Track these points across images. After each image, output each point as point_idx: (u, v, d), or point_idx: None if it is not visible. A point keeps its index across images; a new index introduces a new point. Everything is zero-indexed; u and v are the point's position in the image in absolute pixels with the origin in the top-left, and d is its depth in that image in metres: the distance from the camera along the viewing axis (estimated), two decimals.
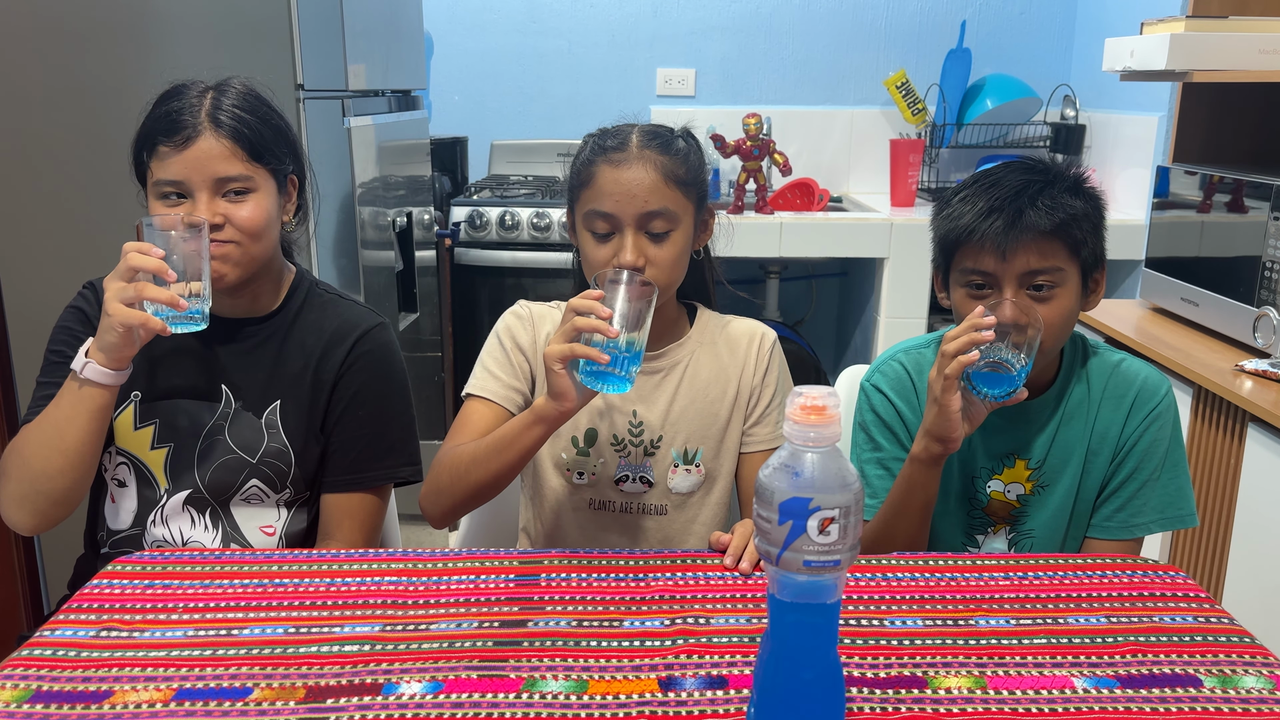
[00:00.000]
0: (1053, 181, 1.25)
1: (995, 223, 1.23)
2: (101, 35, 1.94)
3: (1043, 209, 1.22)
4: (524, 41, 3.54)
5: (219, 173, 1.28)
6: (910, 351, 1.41)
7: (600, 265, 1.34)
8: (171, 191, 1.29)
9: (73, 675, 0.95)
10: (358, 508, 1.41)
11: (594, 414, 1.42)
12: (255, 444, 1.37)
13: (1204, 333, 2.25)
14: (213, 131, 1.28)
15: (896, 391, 1.38)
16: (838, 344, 3.75)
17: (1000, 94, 3.32)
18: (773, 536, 0.79)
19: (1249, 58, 2.14)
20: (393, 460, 1.43)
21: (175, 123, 1.27)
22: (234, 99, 1.31)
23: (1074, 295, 1.27)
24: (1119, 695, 0.94)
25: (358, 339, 1.41)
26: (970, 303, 1.28)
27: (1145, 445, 1.32)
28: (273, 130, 1.34)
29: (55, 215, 2.00)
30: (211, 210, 1.28)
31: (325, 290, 1.46)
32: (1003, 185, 1.25)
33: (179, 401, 1.37)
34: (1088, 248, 1.26)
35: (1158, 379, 1.34)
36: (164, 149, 1.27)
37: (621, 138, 1.34)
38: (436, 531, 2.84)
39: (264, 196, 1.32)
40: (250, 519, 1.39)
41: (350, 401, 1.40)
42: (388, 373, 1.43)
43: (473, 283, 3.12)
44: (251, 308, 1.40)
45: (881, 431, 1.38)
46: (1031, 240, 1.23)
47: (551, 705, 0.91)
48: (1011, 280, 1.25)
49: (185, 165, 1.27)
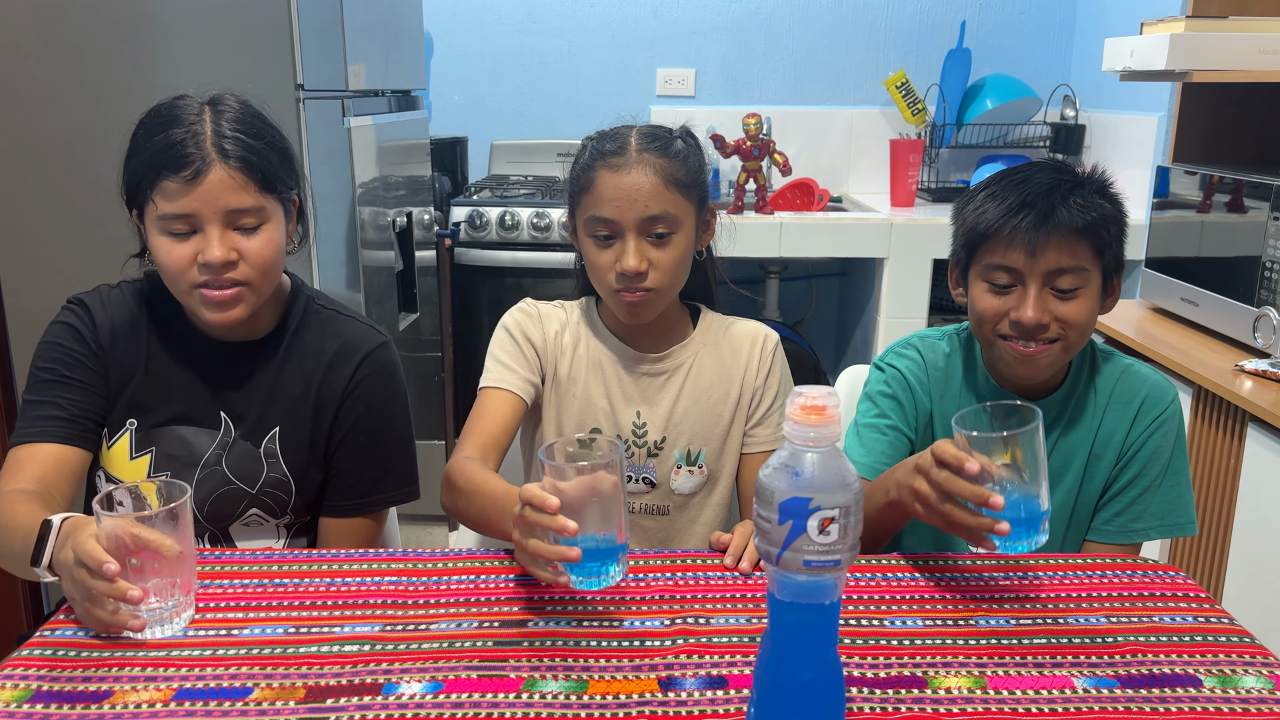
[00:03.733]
0: (1082, 182, 1.25)
1: (1026, 218, 1.22)
2: (101, 36, 1.94)
3: (1075, 207, 1.22)
4: (524, 41, 3.54)
5: (230, 205, 1.22)
6: (926, 340, 1.41)
7: (604, 270, 1.34)
8: (180, 226, 1.22)
9: (73, 675, 0.95)
10: (356, 531, 1.39)
11: (598, 414, 1.42)
12: (254, 474, 1.33)
13: (1204, 333, 2.25)
14: (221, 164, 1.21)
15: (911, 373, 1.38)
16: (838, 344, 3.75)
17: (1000, 94, 3.32)
18: (773, 536, 0.79)
19: (1249, 58, 2.14)
20: (392, 483, 1.40)
21: (181, 155, 1.20)
22: (235, 121, 1.24)
23: (1095, 297, 1.26)
24: (1119, 695, 0.94)
25: (360, 362, 1.35)
26: (989, 298, 1.27)
27: (1149, 451, 1.32)
28: (279, 154, 1.28)
29: (55, 216, 2.00)
30: (224, 244, 1.21)
31: (323, 305, 1.40)
32: (1033, 182, 1.25)
33: (176, 429, 1.32)
34: (1112, 251, 1.26)
35: (1165, 385, 1.34)
36: (170, 184, 1.20)
37: (620, 141, 1.34)
38: (436, 531, 2.85)
39: (274, 228, 1.27)
40: (251, 543, 1.37)
41: (352, 427, 1.36)
42: (390, 395, 1.39)
43: (473, 283, 3.12)
44: (250, 330, 1.34)
45: (887, 402, 1.37)
46: (1062, 238, 1.22)
47: (551, 705, 0.91)
48: (1037, 278, 1.24)
49: (195, 200, 1.20)
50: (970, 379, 1.37)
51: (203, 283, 1.23)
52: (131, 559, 1.00)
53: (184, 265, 1.23)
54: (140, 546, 0.98)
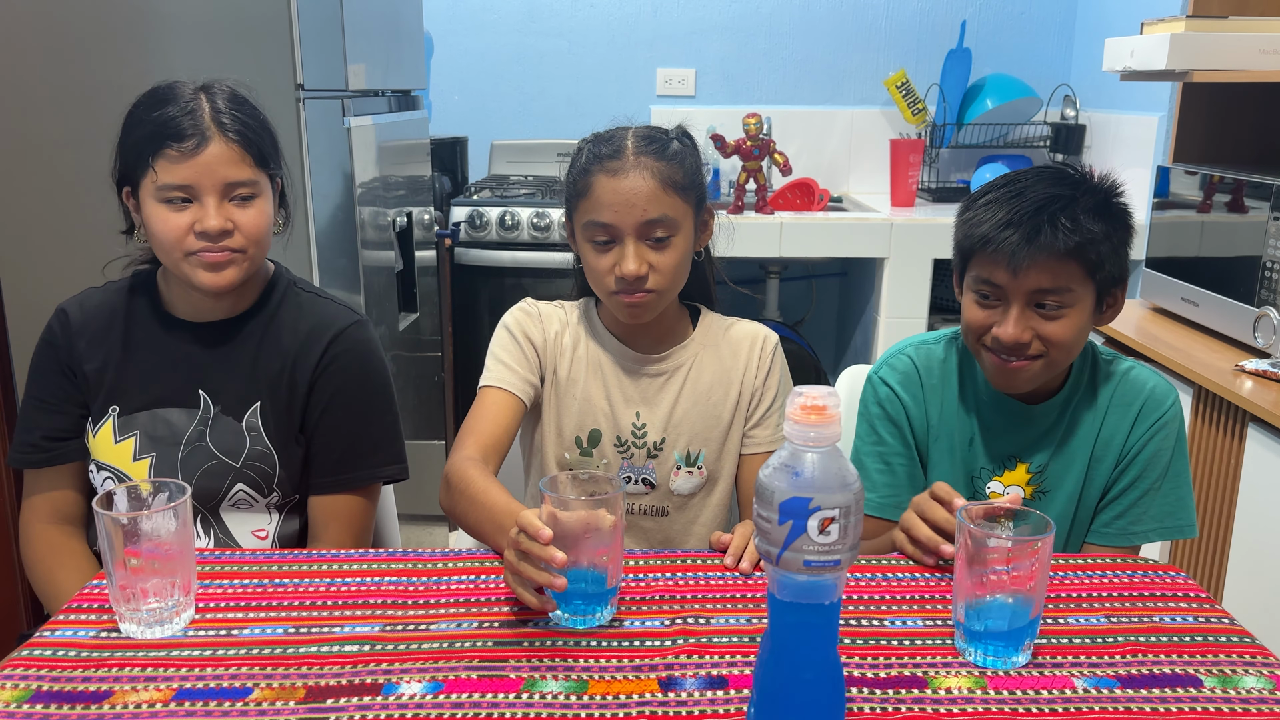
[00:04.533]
0: (1079, 197, 1.20)
1: (1010, 237, 1.19)
2: (101, 35, 1.94)
3: (1060, 230, 1.18)
4: (524, 41, 3.54)
5: (229, 178, 1.28)
6: (921, 346, 1.40)
7: (603, 273, 1.34)
8: (178, 196, 1.27)
9: (73, 675, 0.95)
10: (344, 509, 1.40)
11: (598, 415, 1.42)
12: (238, 448, 1.36)
13: (1204, 333, 2.25)
14: (221, 137, 1.28)
15: (903, 386, 1.37)
16: (838, 344, 3.75)
17: (1000, 94, 3.32)
18: (773, 536, 0.79)
19: (1249, 58, 2.14)
20: (377, 460, 1.42)
21: (181, 127, 1.26)
22: (229, 101, 1.31)
23: (1085, 313, 1.24)
24: (1119, 695, 0.94)
25: (332, 339, 1.39)
26: (975, 310, 1.27)
27: (1149, 454, 1.31)
28: (270, 135, 1.35)
29: (55, 215, 2.00)
30: (221, 215, 1.28)
31: (303, 288, 1.44)
32: (1026, 196, 1.21)
33: (157, 411, 1.36)
34: (1105, 270, 1.22)
35: (1165, 388, 1.33)
36: (172, 153, 1.26)
37: (617, 145, 1.33)
38: (436, 531, 2.85)
39: (266, 202, 1.33)
40: (241, 523, 1.38)
41: (329, 403, 1.38)
42: (366, 372, 1.41)
43: (473, 283, 3.12)
44: (229, 309, 1.38)
45: (885, 426, 1.37)
46: (1045, 260, 1.19)
47: (551, 705, 0.91)
48: (1020, 296, 1.22)
49: (196, 170, 1.27)
50: (970, 384, 1.36)
51: (198, 250, 1.29)
52: (131, 559, 1.01)
53: (180, 234, 1.28)
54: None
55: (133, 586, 1.01)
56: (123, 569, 1.01)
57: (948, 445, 1.36)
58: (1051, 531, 0.98)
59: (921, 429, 1.37)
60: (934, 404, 1.37)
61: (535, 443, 1.47)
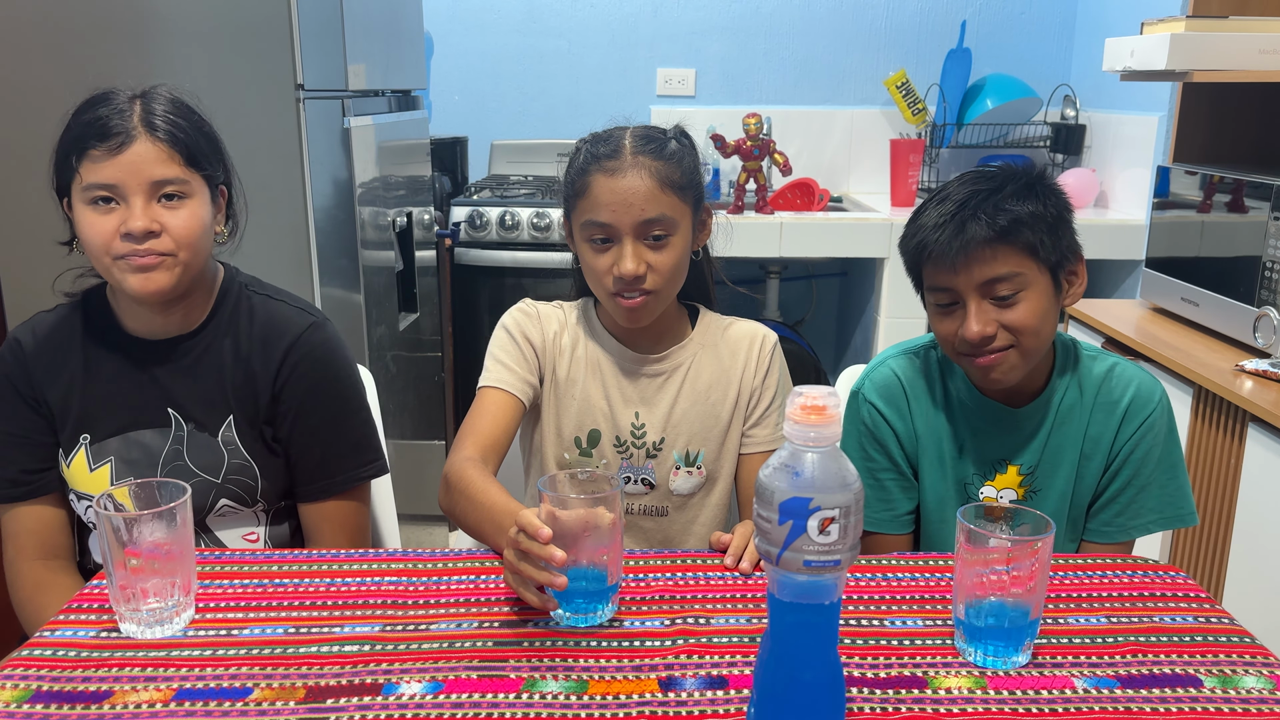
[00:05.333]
0: (999, 188, 1.23)
1: (941, 237, 1.23)
2: (101, 35, 1.94)
3: (983, 219, 1.21)
4: (524, 41, 3.54)
5: (155, 176, 1.24)
6: (906, 354, 1.40)
7: (601, 273, 1.34)
8: (102, 196, 1.23)
9: (73, 675, 0.95)
10: (335, 514, 1.39)
11: (597, 415, 1.42)
12: (217, 464, 1.33)
13: (1204, 333, 2.25)
14: (148, 135, 1.24)
15: (885, 400, 1.37)
16: (838, 344, 3.75)
17: (1000, 94, 3.32)
18: (773, 536, 0.79)
19: (1249, 58, 2.14)
20: (357, 460, 1.40)
21: (107, 127, 1.23)
22: (165, 105, 1.27)
23: (1043, 295, 1.25)
24: (1119, 695, 0.94)
25: (289, 348, 1.35)
26: (940, 320, 1.28)
27: (1140, 455, 1.31)
28: (205, 137, 1.31)
29: (55, 215, 1.99)
30: (147, 216, 1.23)
31: (255, 290, 1.39)
32: (950, 200, 1.25)
33: (130, 435, 1.33)
34: (1046, 247, 1.24)
35: (1150, 386, 1.33)
36: (96, 153, 1.22)
37: (614, 144, 1.33)
38: (436, 531, 2.85)
39: (199, 204, 1.28)
40: (231, 531, 1.37)
41: (298, 413, 1.35)
42: (331, 375, 1.38)
43: (473, 283, 3.12)
44: (184, 323, 1.34)
45: (870, 443, 1.37)
46: (978, 250, 1.21)
47: (551, 705, 0.91)
48: (972, 292, 1.23)
49: (120, 169, 1.23)
50: (954, 392, 1.36)
51: (126, 253, 1.24)
52: (131, 559, 1.01)
53: (108, 237, 1.24)
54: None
55: (133, 586, 1.01)
56: (123, 569, 1.01)
57: (936, 454, 1.36)
58: (1051, 531, 0.98)
59: (910, 443, 1.37)
60: (920, 415, 1.36)
61: (535, 443, 1.47)
